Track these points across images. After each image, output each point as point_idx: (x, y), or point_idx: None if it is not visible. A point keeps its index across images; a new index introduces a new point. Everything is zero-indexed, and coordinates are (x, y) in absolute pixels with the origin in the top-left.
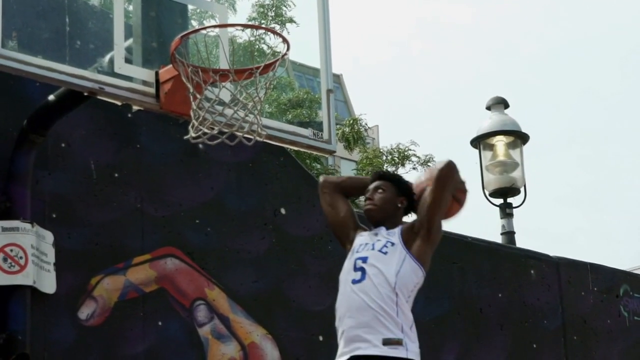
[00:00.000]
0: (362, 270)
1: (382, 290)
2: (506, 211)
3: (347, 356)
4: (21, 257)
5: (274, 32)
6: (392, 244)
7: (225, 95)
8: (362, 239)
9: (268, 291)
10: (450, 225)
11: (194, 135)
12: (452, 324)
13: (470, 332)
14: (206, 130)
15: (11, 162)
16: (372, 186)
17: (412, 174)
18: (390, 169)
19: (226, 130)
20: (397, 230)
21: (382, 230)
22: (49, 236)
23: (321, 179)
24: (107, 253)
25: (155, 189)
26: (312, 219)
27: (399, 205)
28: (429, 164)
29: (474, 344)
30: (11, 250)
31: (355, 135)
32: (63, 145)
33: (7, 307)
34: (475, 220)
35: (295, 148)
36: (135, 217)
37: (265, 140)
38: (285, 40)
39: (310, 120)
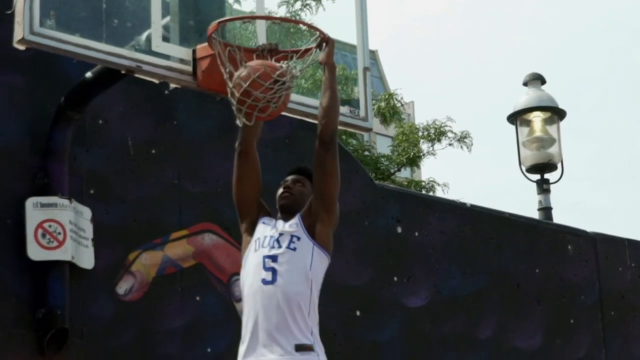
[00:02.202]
0: (273, 270)
1: (296, 289)
2: (543, 187)
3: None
4: (59, 233)
5: (312, 27)
6: (298, 238)
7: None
8: (265, 230)
9: None
10: (487, 201)
11: (239, 123)
12: (489, 300)
13: (507, 307)
14: (243, 119)
15: (49, 139)
16: (291, 177)
17: (448, 151)
18: (427, 145)
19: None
20: (297, 221)
21: (280, 223)
22: (86, 212)
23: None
24: (145, 229)
25: (192, 165)
26: (348, 195)
27: (304, 209)
28: (465, 140)
29: (511, 319)
30: (49, 226)
31: (391, 110)
32: (100, 122)
33: (46, 283)
34: (512, 196)
35: None
36: (172, 193)
37: (301, 118)
38: (322, 34)
39: (346, 97)
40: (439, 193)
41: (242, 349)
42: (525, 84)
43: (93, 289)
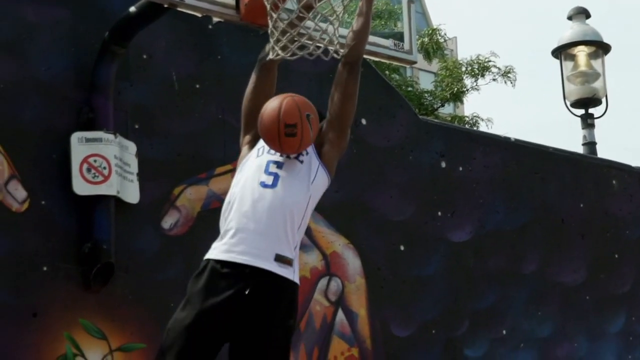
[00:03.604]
0: (276, 175)
1: (294, 198)
2: (587, 122)
3: (234, 259)
4: (104, 168)
5: None
6: (306, 152)
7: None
8: None
9: (349, 201)
10: (531, 136)
11: (272, 57)
12: (533, 234)
13: (551, 242)
14: (280, 53)
15: (93, 74)
16: None
17: (492, 86)
18: (470, 80)
19: (308, 44)
20: None
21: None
22: (131, 147)
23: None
24: (190, 163)
25: (236, 100)
26: (393, 130)
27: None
28: (509, 75)
29: (555, 253)
30: (95, 161)
31: (434, 46)
32: (144, 56)
33: (92, 217)
34: (557, 130)
35: (376, 59)
36: (217, 127)
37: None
38: None
39: (390, 31)
40: (483, 128)
41: (220, 247)
42: (569, 18)
43: (138, 223)
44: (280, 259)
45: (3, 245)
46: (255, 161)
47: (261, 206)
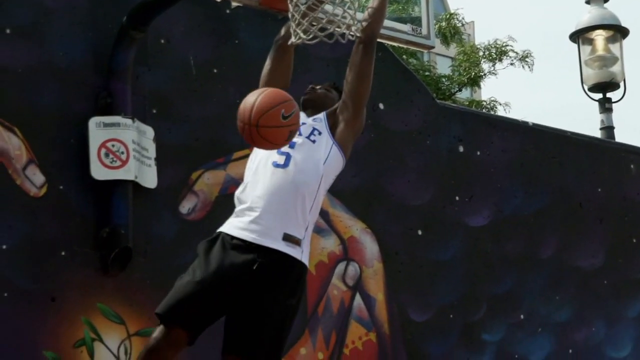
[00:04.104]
0: (288, 155)
1: (305, 179)
2: (605, 106)
3: (244, 236)
4: (122, 152)
5: None
6: (320, 132)
7: None
8: None
9: (367, 186)
10: (548, 120)
11: (294, 40)
12: (551, 219)
13: (569, 226)
14: (302, 36)
15: (111, 59)
16: (318, 85)
17: (509, 70)
18: (488, 64)
19: (327, 27)
20: (321, 117)
21: (303, 115)
22: (149, 131)
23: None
24: (208, 148)
25: (254, 84)
26: (411, 114)
27: (330, 109)
28: (526, 59)
29: (573, 238)
30: (113, 146)
31: (452, 30)
32: (162, 41)
33: (110, 202)
34: (575, 114)
35: (394, 44)
36: (234, 112)
37: None
38: None
39: (408, 16)
40: (501, 112)
41: (234, 222)
42: (587, 2)
43: (156, 208)
44: (288, 238)
45: (21, 230)
46: None
47: (273, 186)
